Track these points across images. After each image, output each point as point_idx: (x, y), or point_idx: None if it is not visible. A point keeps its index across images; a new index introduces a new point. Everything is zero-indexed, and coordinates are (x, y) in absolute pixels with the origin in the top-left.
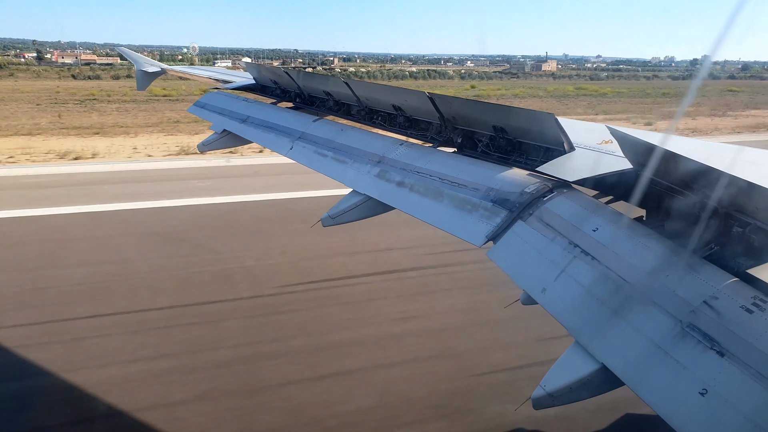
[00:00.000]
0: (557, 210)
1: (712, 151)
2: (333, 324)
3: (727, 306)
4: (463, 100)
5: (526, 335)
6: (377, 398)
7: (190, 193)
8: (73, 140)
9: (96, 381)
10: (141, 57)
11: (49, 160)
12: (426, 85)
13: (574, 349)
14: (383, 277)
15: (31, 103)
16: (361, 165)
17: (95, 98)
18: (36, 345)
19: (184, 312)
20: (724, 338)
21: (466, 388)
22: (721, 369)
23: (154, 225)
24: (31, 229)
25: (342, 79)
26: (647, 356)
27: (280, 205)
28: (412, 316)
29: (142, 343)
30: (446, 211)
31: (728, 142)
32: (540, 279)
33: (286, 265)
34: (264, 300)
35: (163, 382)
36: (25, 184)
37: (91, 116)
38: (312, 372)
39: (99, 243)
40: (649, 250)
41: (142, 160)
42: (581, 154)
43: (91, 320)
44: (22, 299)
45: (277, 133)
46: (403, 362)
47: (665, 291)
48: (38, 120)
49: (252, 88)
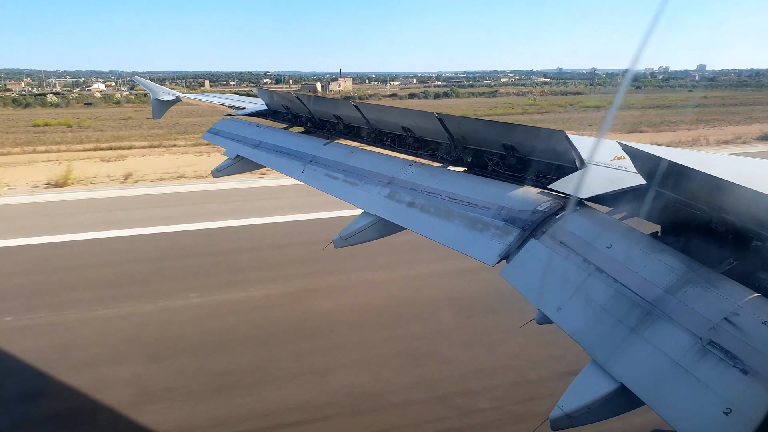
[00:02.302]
0: (570, 227)
1: (726, 163)
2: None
3: (748, 322)
4: (472, 120)
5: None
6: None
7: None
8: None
9: None
10: (156, 86)
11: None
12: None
13: (592, 368)
14: None
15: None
16: (372, 186)
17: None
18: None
19: None
20: (746, 355)
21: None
22: (744, 387)
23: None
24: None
25: (352, 103)
26: (667, 374)
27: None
28: None
29: None
30: (458, 231)
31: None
32: (555, 298)
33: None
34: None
35: None
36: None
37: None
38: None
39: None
40: (666, 266)
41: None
42: (593, 171)
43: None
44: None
45: (289, 157)
46: None
47: (683, 307)
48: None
49: (264, 113)
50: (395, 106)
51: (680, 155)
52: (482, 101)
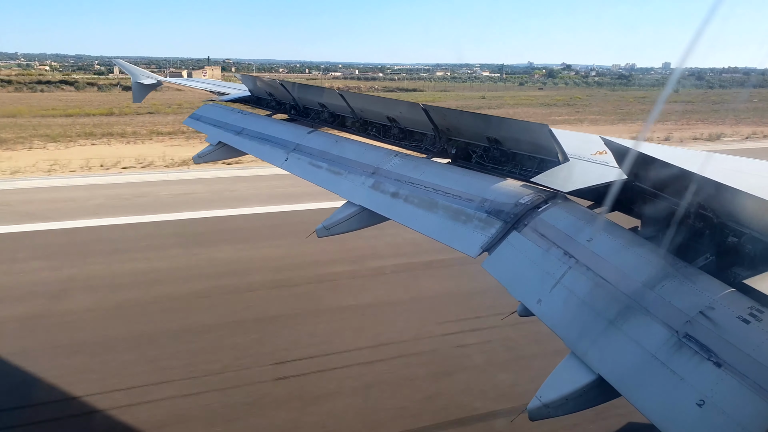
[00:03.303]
0: (552, 221)
1: (706, 160)
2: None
3: (723, 316)
4: (457, 112)
5: None
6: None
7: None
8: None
9: None
10: (137, 69)
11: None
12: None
13: (570, 360)
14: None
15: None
16: (356, 176)
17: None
18: None
19: None
20: (720, 349)
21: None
22: (718, 380)
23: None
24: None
25: (337, 91)
26: (643, 367)
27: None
28: None
29: None
30: (441, 222)
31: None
32: (535, 290)
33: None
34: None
35: None
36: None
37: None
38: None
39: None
40: (644, 260)
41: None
42: (575, 165)
43: None
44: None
45: (272, 144)
46: None
47: (661, 301)
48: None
49: (247, 100)
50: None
51: (661, 151)
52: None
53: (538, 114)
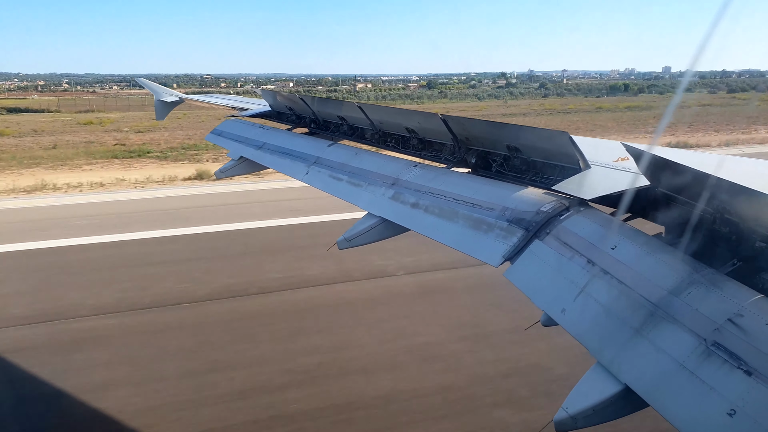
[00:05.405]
0: (574, 228)
1: (731, 165)
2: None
3: (752, 323)
4: (476, 121)
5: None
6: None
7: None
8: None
9: None
10: (159, 87)
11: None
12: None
13: (596, 370)
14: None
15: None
16: (376, 188)
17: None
18: None
19: None
20: (751, 357)
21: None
22: (749, 388)
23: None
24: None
25: (356, 104)
26: (671, 376)
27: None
28: None
29: None
30: (461, 232)
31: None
32: (559, 299)
33: None
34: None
35: None
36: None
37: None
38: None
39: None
40: (670, 267)
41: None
42: (597, 172)
43: None
44: None
45: (293, 158)
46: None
47: (687, 308)
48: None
49: (268, 114)
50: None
51: (683, 156)
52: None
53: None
